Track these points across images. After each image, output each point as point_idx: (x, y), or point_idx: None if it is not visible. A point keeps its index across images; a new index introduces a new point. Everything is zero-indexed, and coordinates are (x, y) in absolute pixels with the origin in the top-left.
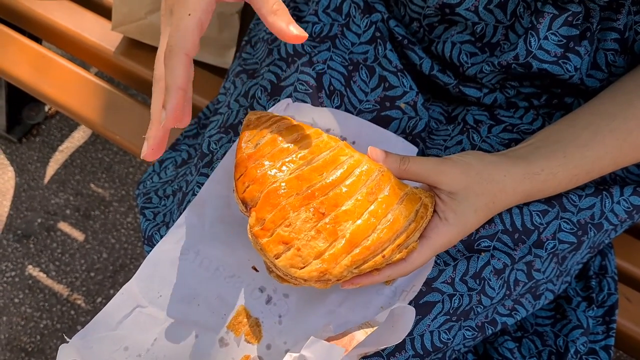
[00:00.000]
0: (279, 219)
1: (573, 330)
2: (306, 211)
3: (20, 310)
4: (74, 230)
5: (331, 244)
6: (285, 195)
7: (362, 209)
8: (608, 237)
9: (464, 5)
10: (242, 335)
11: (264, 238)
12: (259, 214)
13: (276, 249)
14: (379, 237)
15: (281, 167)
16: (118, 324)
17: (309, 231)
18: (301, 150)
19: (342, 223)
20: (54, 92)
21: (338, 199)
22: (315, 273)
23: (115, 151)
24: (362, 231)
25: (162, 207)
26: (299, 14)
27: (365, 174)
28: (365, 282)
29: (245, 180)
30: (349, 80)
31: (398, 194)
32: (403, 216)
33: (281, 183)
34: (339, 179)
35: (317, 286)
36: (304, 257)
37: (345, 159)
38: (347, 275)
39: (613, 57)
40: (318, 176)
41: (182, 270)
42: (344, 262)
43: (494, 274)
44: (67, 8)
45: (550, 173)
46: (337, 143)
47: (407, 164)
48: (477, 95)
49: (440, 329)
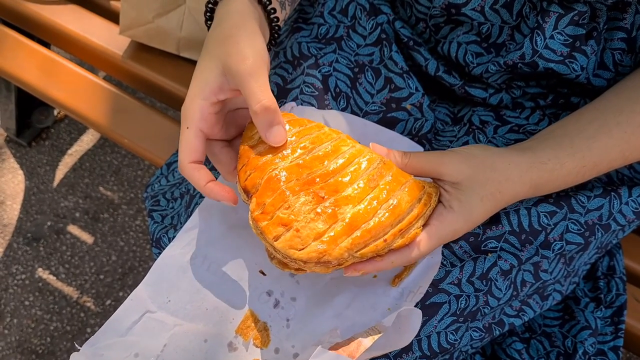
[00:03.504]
0: (279, 202)
1: (581, 331)
2: (306, 195)
3: (30, 312)
4: (83, 233)
5: (331, 226)
6: (286, 181)
7: (363, 194)
8: (616, 238)
9: (470, 6)
10: (251, 339)
11: (263, 221)
12: (259, 199)
13: (275, 230)
14: (381, 220)
15: (283, 156)
16: (128, 330)
17: (309, 213)
18: (303, 141)
19: (343, 206)
20: (62, 96)
21: (339, 185)
22: (315, 254)
23: (124, 154)
24: (363, 214)
25: (170, 209)
26: (304, 16)
27: (367, 163)
28: (368, 269)
29: (247, 169)
30: (354, 82)
31: (401, 182)
32: (405, 201)
33: (282, 170)
34: (340, 167)
35: (318, 270)
36: (303, 239)
37: (347, 149)
38: (347, 259)
39: (620, 56)
40: (319, 164)
41: (190, 275)
42: (344, 245)
43: (500, 275)
44: (75, 13)
45: (557, 162)
46: (339, 134)
47: (409, 158)
48: (483, 95)
49: (447, 330)
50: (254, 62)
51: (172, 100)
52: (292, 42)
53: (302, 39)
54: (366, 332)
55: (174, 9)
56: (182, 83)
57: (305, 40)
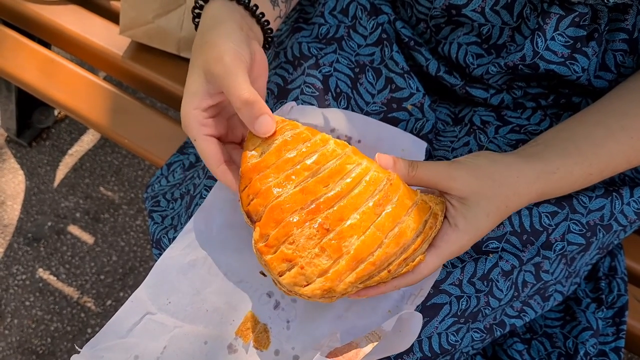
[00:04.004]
0: (283, 235)
1: (583, 331)
2: (310, 227)
3: (31, 313)
4: (84, 233)
5: (335, 261)
6: (289, 210)
7: (368, 222)
8: (617, 238)
9: (471, 7)
10: (251, 341)
11: (267, 255)
12: (263, 230)
13: (280, 267)
14: (385, 252)
15: (285, 180)
16: (128, 331)
17: (313, 248)
18: (306, 160)
19: (347, 238)
20: (63, 96)
21: (343, 212)
22: (319, 291)
23: (124, 154)
24: (367, 246)
25: (170, 210)
26: (305, 16)
27: (373, 184)
28: (372, 294)
29: (249, 193)
30: (355, 83)
31: (407, 205)
32: (411, 229)
33: (285, 198)
34: (345, 190)
35: (322, 301)
36: (307, 276)
37: (352, 167)
38: (351, 291)
39: (622, 57)
40: (323, 188)
41: (191, 277)
42: (348, 279)
43: (502, 276)
44: (75, 13)
45: (566, 171)
46: (344, 150)
47: (416, 169)
48: (484, 96)
49: (448, 331)
50: (230, 61)
51: (172, 100)
52: (292, 42)
53: (303, 39)
54: (366, 338)
55: (174, 9)
56: (182, 83)
57: (305, 41)
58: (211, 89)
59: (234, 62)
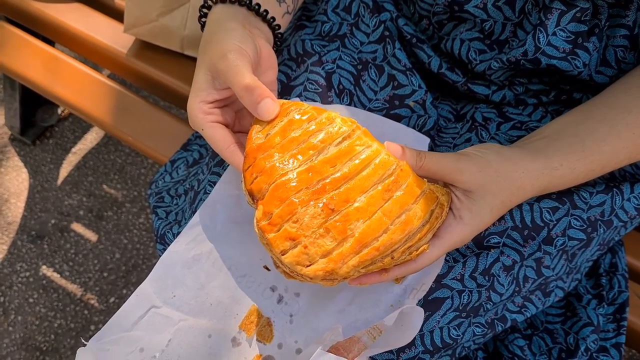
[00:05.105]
0: (287, 214)
1: (583, 327)
2: (315, 206)
3: (34, 310)
4: (87, 230)
5: (339, 243)
6: (294, 189)
7: (375, 207)
8: (618, 234)
9: (473, 3)
10: (254, 335)
11: (270, 233)
12: (266, 208)
13: (282, 245)
14: (390, 238)
15: (291, 158)
16: (133, 325)
17: (317, 228)
18: (312, 139)
19: (353, 221)
20: (67, 94)
21: (350, 193)
22: (321, 272)
23: (128, 152)
24: (372, 230)
25: (174, 205)
26: (308, 14)
27: (382, 167)
28: (372, 282)
29: (253, 172)
30: (358, 80)
31: (415, 193)
32: (417, 217)
33: (290, 176)
34: (353, 172)
35: (324, 284)
36: (310, 255)
37: (362, 149)
38: (353, 274)
39: (623, 53)
40: (330, 168)
41: (195, 271)
42: (351, 263)
43: (503, 271)
44: (79, 11)
45: (568, 168)
46: (352, 127)
47: (424, 160)
48: (485, 92)
49: (450, 325)
50: (233, 56)
51: (176, 98)
52: (295, 39)
53: (306, 37)
54: (367, 332)
55: (178, 7)
56: (186, 81)
57: (308, 38)
58: (217, 85)
59: (237, 57)
